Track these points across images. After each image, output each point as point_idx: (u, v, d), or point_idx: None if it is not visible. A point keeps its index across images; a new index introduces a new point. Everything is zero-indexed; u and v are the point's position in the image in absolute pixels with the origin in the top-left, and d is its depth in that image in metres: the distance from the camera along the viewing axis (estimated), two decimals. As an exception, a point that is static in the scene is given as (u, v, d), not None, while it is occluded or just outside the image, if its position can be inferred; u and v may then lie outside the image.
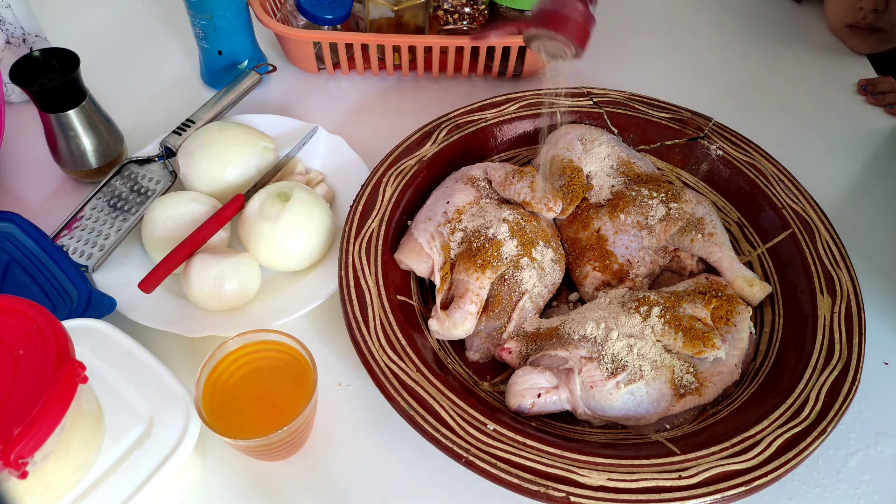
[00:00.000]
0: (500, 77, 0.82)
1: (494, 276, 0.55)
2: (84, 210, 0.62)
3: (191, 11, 0.72)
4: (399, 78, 0.82)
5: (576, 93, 0.69)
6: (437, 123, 0.66)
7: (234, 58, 0.77)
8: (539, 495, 0.44)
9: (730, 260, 0.57)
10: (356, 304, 0.53)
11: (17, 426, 0.35)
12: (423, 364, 0.50)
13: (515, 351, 0.53)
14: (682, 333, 0.51)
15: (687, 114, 0.68)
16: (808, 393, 0.49)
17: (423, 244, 0.57)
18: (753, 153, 0.65)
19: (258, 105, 0.78)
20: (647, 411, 0.50)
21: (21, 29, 0.74)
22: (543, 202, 0.59)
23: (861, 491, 0.51)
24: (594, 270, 0.58)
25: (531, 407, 0.50)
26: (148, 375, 0.47)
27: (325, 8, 0.76)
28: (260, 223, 0.58)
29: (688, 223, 0.59)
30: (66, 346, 0.38)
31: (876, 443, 0.53)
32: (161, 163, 0.66)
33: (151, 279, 0.55)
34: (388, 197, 0.60)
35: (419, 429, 0.47)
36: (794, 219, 0.60)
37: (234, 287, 0.56)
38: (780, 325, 0.56)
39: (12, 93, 0.75)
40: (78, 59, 0.63)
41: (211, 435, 0.44)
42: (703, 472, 0.45)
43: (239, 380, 0.48)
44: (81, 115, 0.64)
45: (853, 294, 0.55)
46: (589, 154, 0.63)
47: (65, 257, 0.57)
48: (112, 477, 0.43)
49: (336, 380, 0.55)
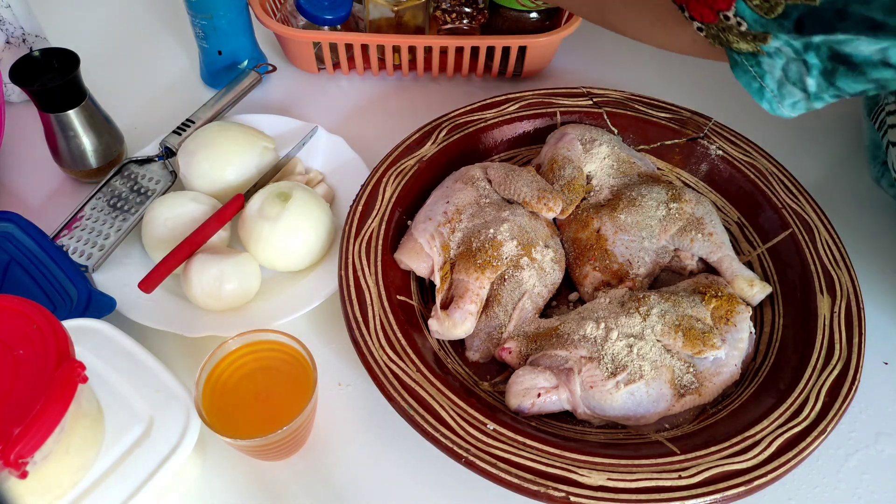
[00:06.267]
0: (500, 77, 0.82)
1: (494, 276, 0.55)
2: (84, 210, 0.62)
3: (191, 11, 0.72)
4: (399, 78, 0.82)
5: (576, 93, 0.69)
6: (437, 123, 0.66)
7: (234, 58, 0.77)
8: (539, 495, 0.44)
9: (730, 260, 0.57)
10: (356, 303, 0.53)
11: (17, 426, 0.35)
12: (423, 364, 0.50)
13: (515, 351, 0.53)
14: (681, 333, 0.51)
15: (687, 114, 0.68)
16: (808, 393, 0.49)
17: (423, 244, 0.57)
18: (753, 153, 0.65)
19: (258, 105, 0.78)
20: (647, 411, 0.50)
21: (21, 29, 0.74)
22: (543, 202, 0.59)
23: (861, 491, 0.51)
24: (594, 270, 0.58)
25: (531, 407, 0.50)
26: (148, 375, 0.47)
27: (325, 8, 0.76)
28: (260, 223, 0.58)
29: (688, 223, 0.59)
30: (66, 346, 0.38)
31: (876, 443, 0.53)
32: (161, 163, 0.66)
33: (151, 279, 0.55)
34: (388, 197, 0.60)
35: (419, 429, 0.47)
36: (794, 219, 0.60)
37: (234, 287, 0.56)
38: (780, 325, 0.56)
39: (12, 93, 0.75)
40: (78, 59, 0.63)
41: (211, 435, 0.44)
42: (703, 471, 0.45)
43: (239, 380, 0.48)
44: (81, 115, 0.64)
45: (853, 294, 0.55)
46: (589, 154, 0.63)
47: (65, 257, 0.57)
48: (112, 477, 0.43)
49: (336, 380, 0.55)
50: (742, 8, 0.40)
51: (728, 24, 0.42)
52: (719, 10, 0.42)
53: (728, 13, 0.42)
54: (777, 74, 0.43)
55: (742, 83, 0.45)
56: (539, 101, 0.69)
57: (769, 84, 0.44)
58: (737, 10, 0.41)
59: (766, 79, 0.44)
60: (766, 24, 0.40)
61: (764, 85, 0.44)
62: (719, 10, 0.42)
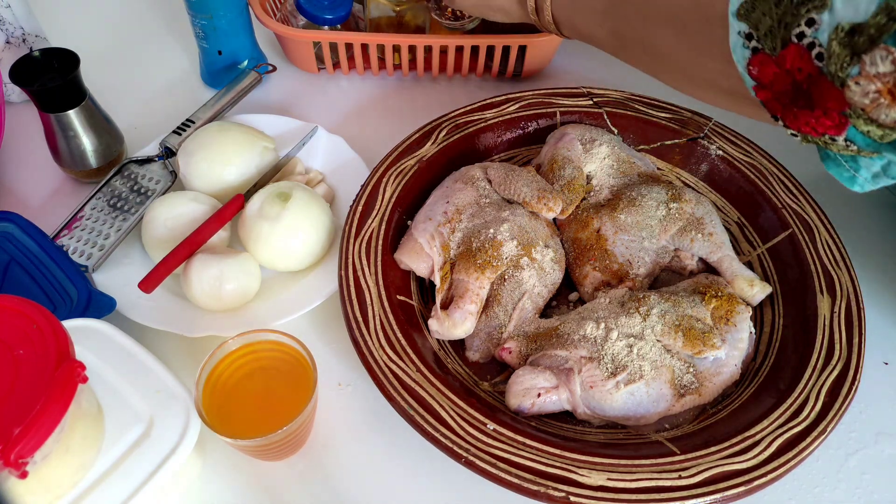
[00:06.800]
0: (500, 77, 0.82)
1: (494, 276, 0.55)
2: (84, 210, 0.62)
3: (191, 11, 0.72)
4: (399, 78, 0.82)
5: (576, 93, 0.69)
6: (437, 123, 0.66)
7: (234, 58, 0.77)
8: (539, 495, 0.44)
9: (730, 260, 0.57)
10: (356, 303, 0.53)
11: (17, 426, 0.35)
12: (423, 364, 0.50)
13: (515, 351, 0.53)
14: (681, 333, 0.51)
15: (687, 114, 0.68)
16: (808, 393, 0.49)
17: (423, 244, 0.57)
18: (753, 153, 0.65)
19: (258, 105, 0.78)
20: (647, 411, 0.50)
21: (21, 29, 0.74)
22: (543, 202, 0.59)
23: (861, 491, 0.51)
24: (594, 270, 0.58)
25: (531, 407, 0.50)
26: (148, 375, 0.47)
27: (325, 8, 0.76)
28: (260, 223, 0.58)
29: (688, 223, 0.59)
30: (66, 346, 0.38)
31: (876, 442, 0.53)
32: (161, 163, 0.66)
33: (151, 279, 0.55)
34: (388, 197, 0.60)
35: (419, 429, 0.47)
36: (794, 219, 0.60)
37: (234, 287, 0.56)
38: (780, 325, 0.56)
39: (12, 93, 0.75)
40: (78, 59, 0.63)
41: (211, 435, 0.44)
42: (702, 471, 0.45)
43: (239, 380, 0.48)
44: (81, 115, 0.64)
45: (853, 294, 0.55)
46: (589, 154, 0.63)
47: (65, 257, 0.57)
48: (112, 477, 0.43)
49: (336, 380, 0.55)
50: (853, 134, 0.37)
51: (835, 144, 0.39)
52: (825, 133, 0.39)
53: (837, 138, 0.38)
54: (874, 170, 0.41)
55: (833, 173, 0.43)
56: (539, 101, 0.69)
57: (863, 175, 0.42)
58: (847, 136, 0.38)
59: (860, 171, 0.42)
60: (879, 147, 0.37)
61: (857, 175, 0.42)
62: (826, 134, 0.39)
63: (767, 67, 0.39)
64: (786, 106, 0.40)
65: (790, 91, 0.39)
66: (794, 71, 0.37)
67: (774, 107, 0.41)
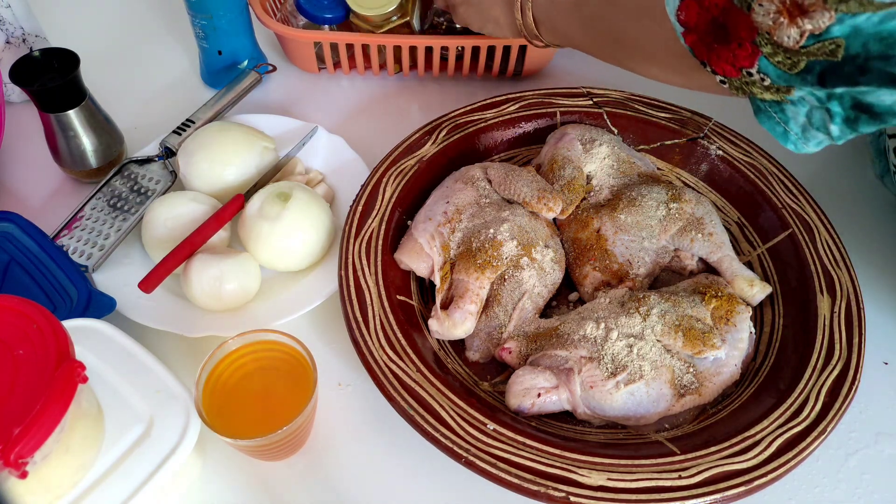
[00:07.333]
0: (500, 77, 0.82)
1: (494, 276, 0.55)
2: (84, 210, 0.62)
3: (191, 11, 0.72)
4: (399, 78, 0.82)
5: (576, 93, 0.69)
6: (437, 123, 0.66)
7: (234, 58, 0.77)
8: (539, 495, 0.44)
9: (730, 260, 0.57)
10: (356, 303, 0.53)
11: (17, 426, 0.35)
12: (423, 364, 0.50)
13: (515, 351, 0.53)
14: (681, 333, 0.51)
15: (687, 114, 0.68)
16: (808, 393, 0.49)
17: (423, 244, 0.57)
18: (753, 153, 0.65)
19: (258, 105, 0.78)
20: (647, 411, 0.50)
21: (21, 29, 0.74)
22: (543, 202, 0.59)
23: (861, 491, 0.51)
24: (594, 270, 0.58)
25: (531, 407, 0.50)
26: (148, 375, 0.47)
27: (324, 8, 0.76)
28: (260, 223, 0.58)
29: (688, 223, 0.59)
30: (66, 346, 0.38)
31: (876, 443, 0.53)
32: (161, 163, 0.66)
33: (151, 279, 0.55)
34: (388, 197, 0.60)
35: (419, 429, 0.47)
36: (794, 219, 0.60)
37: (234, 287, 0.56)
38: (780, 325, 0.56)
39: (12, 93, 0.75)
40: (78, 59, 0.63)
41: (211, 435, 0.44)
42: (702, 471, 0.45)
43: (239, 380, 0.48)
44: (81, 115, 0.64)
45: (853, 294, 0.55)
46: (589, 154, 0.63)
47: (65, 257, 0.57)
48: (112, 477, 0.43)
49: (336, 380, 0.55)
50: (765, 65, 0.41)
51: (751, 79, 0.43)
52: (742, 67, 0.43)
53: (751, 70, 0.42)
54: (801, 120, 0.44)
55: (766, 128, 0.46)
56: (539, 101, 0.69)
57: (793, 129, 0.45)
58: (759, 67, 0.42)
59: (790, 124, 0.45)
60: (790, 79, 0.41)
61: (788, 129, 0.45)
62: (742, 67, 0.43)
63: (692, 10, 0.43)
64: (709, 46, 0.44)
65: (710, 27, 0.43)
66: (712, 6, 0.42)
67: (700, 50, 0.45)
